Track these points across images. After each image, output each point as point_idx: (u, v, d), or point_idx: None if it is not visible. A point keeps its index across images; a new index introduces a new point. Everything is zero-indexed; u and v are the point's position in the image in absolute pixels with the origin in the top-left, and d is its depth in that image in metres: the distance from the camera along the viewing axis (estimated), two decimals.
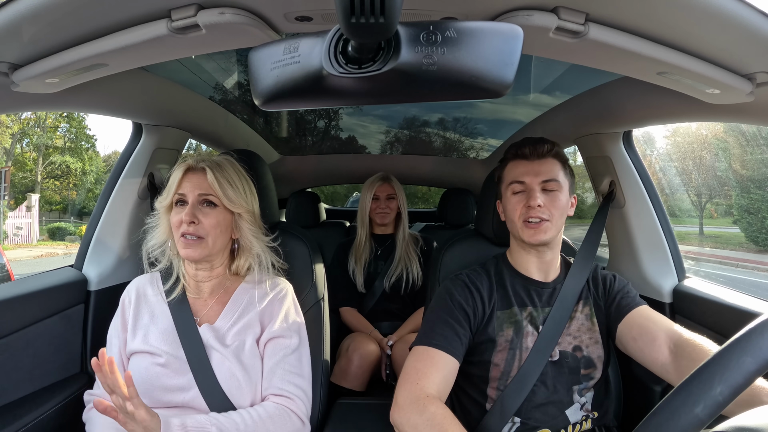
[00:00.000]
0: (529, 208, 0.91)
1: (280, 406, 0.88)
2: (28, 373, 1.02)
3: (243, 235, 0.96)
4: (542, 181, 0.92)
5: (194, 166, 0.93)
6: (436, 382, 0.82)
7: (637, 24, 0.61)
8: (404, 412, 0.77)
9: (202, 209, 0.91)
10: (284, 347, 0.93)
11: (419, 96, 0.41)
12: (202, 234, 0.89)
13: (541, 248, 0.95)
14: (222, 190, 0.91)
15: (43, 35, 0.65)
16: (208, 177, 0.90)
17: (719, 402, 0.36)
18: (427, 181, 2.83)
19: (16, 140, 19.57)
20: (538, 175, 0.92)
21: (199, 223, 0.89)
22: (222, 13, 0.61)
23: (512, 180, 0.96)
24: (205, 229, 0.90)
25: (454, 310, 0.91)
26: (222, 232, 0.92)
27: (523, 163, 0.95)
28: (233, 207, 0.92)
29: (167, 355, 0.88)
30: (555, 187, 0.92)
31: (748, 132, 12.92)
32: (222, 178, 0.91)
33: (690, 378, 0.38)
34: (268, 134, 2.06)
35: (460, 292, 0.94)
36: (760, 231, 12.70)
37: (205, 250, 0.90)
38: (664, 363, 0.81)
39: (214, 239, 0.91)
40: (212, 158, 0.95)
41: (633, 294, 0.96)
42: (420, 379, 0.81)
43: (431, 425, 0.73)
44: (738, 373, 0.36)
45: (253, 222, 0.97)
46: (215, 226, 0.91)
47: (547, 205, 0.91)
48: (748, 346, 0.37)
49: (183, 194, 0.91)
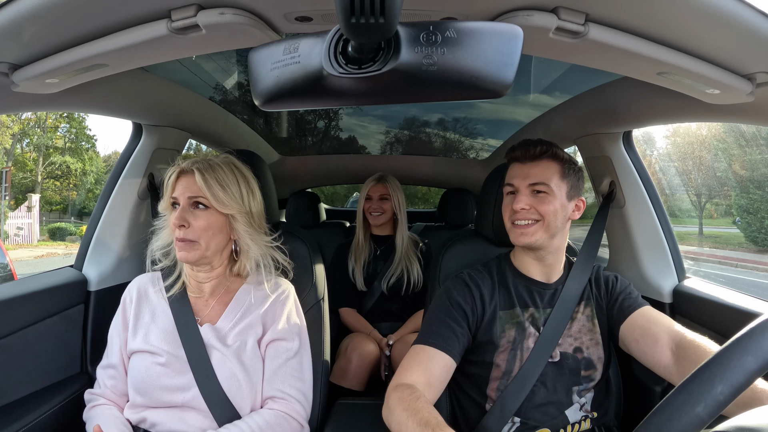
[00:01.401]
0: (514, 211, 0.92)
1: (278, 412, 0.88)
2: (28, 373, 1.02)
3: (239, 237, 0.95)
4: (530, 184, 0.91)
5: (185, 169, 0.91)
6: (416, 374, 0.83)
7: (637, 24, 0.61)
8: (385, 405, 0.80)
9: (194, 212, 0.90)
10: (286, 350, 0.93)
11: (419, 96, 0.41)
12: (192, 237, 0.88)
13: (537, 251, 0.95)
14: (211, 191, 0.89)
15: (43, 35, 0.65)
16: (196, 179, 0.89)
17: (720, 401, 0.36)
18: (427, 181, 2.83)
19: (17, 140, 19.58)
20: (526, 177, 0.92)
21: (189, 227, 0.88)
22: (222, 14, 0.60)
23: (506, 182, 0.97)
24: (196, 232, 0.89)
25: (452, 309, 0.92)
26: (215, 234, 0.91)
27: (516, 166, 0.95)
28: (223, 209, 0.90)
29: (168, 354, 0.88)
30: (544, 190, 0.91)
31: (747, 132, 12.92)
32: (212, 180, 0.89)
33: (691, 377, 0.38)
34: (268, 134, 2.06)
35: (459, 291, 0.94)
36: (760, 231, 12.70)
37: (198, 252, 0.89)
38: (667, 365, 0.80)
39: (207, 242, 0.90)
40: (206, 158, 0.94)
41: (635, 295, 0.95)
42: (400, 373, 0.84)
43: (395, 404, 0.76)
44: (739, 373, 0.36)
45: (249, 223, 0.95)
46: (206, 229, 0.89)
47: (535, 207, 0.90)
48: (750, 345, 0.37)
49: (175, 197, 0.91)
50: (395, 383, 0.82)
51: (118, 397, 0.92)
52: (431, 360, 0.86)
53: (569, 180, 0.93)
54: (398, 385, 0.81)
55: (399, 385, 0.80)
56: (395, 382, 0.82)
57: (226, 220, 0.93)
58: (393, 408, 0.76)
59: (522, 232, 0.91)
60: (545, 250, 0.94)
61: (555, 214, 0.91)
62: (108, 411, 0.90)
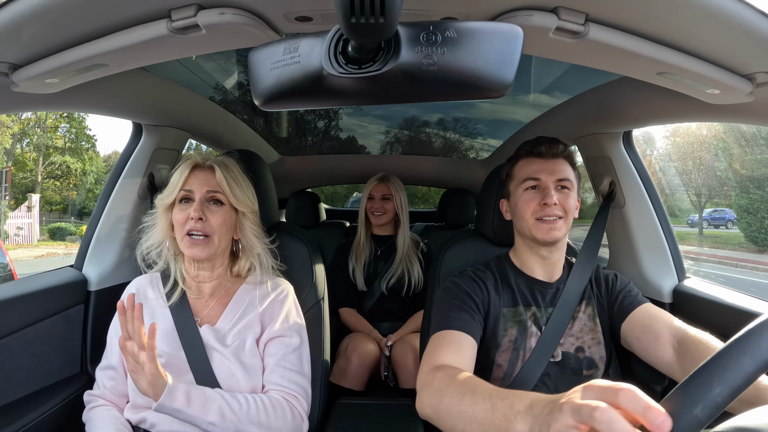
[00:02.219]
0: (545, 206, 0.91)
1: (279, 398, 0.89)
2: (28, 373, 1.02)
3: (245, 234, 0.96)
4: (557, 180, 0.92)
5: (201, 164, 0.93)
6: (449, 355, 0.78)
7: (637, 24, 0.61)
8: (420, 396, 0.71)
9: (209, 207, 0.91)
10: (285, 345, 0.93)
11: (419, 96, 0.41)
12: (209, 232, 0.89)
13: (551, 248, 0.95)
14: (230, 188, 0.91)
15: (43, 35, 0.65)
16: (216, 174, 0.91)
17: (718, 403, 0.36)
18: (427, 181, 2.83)
19: (17, 140, 19.57)
20: (553, 173, 0.92)
21: (207, 221, 0.89)
22: (222, 14, 0.60)
23: (526, 177, 0.94)
24: (212, 227, 0.89)
25: (464, 298, 0.91)
26: (227, 231, 0.92)
27: (538, 161, 0.95)
28: (239, 206, 0.93)
29: (168, 355, 0.88)
30: (568, 186, 0.93)
31: (747, 132, 12.92)
32: (229, 177, 0.92)
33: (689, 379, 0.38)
34: (268, 134, 2.06)
35: (467, 284, 0.94)
36: (760, 231, 12.70)
37: (212, 248, 0.90)
38: (669, 362, 0.80)
39: (219, 237, 0.91)
40: (217, 157, 0.96)
41: (635, 292, 0.95)
42: (431, 357, 0.78)
43: (444, 384, 0.66)
44: (737, 375, 0.36)
45: (256, 222, 0.98)
46: (222, 224, 0.90)
47: (561, 203, 0.91)
48: (748, 346, 0.37)
49: (190, 191, 0.90)
50: (430, 365, 0.75)
51: (118, 398, 0.92)
52: (459, 342, 0.83)
53: (577, 179, 0.97)
54: (435, 366, 0.73)
55: (437, 367, 0.73)
56: (430, 365, 0.75)
57: (236, 218, 0.95)
58: (441, 388, 0.66)
59: (551, 227, 0.91)
60: (556, 246, 0.95)
61: (574, 211, 0.94)
62: (107, 412, 0.90)
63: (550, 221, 0.91)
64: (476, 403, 0.57)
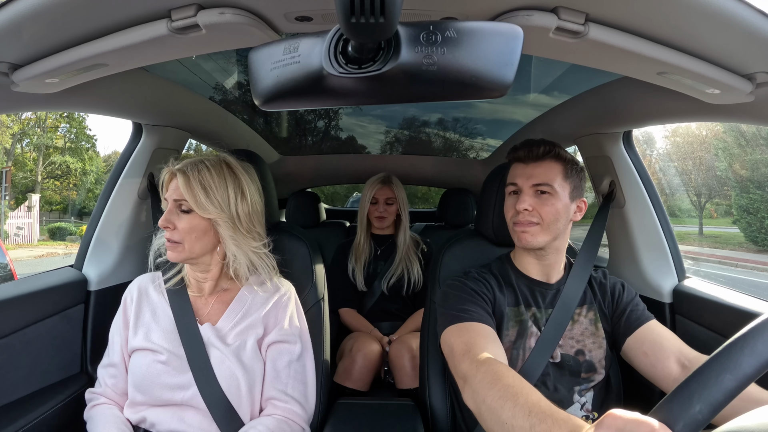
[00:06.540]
0: (516, 211, 0.91)
1: (278, 418, 0.88)
2: (28, 372, 1.02)
3: (223, 240, 0.93)
4: (534, 185, 0.91)
5: (173, 171, 0.91)
6: (489, 347, 0.76)
7: (637, 24, 0.61)
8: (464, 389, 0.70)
9: (178, 214, 0.90)
10: (288, 353, 0.93)
11: (419, 96, 0.41)
12: (177, 239, 0.89)
13: (538, 251, 0.94)
14: (192, 195, 0.88)
15: (43, 35, 0.65)
16: (179, 182, 0.88)
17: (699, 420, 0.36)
18: (426, 181, 2.83)
19: (17, 140, 19.57)
20: (530, 178, 0.91)
21: (175, 228, 0.89)
22: (222, 14, 0.60)
23: (508, 182, 0.96)
24: (180, 234, 0.89)
25: (473, 293, 0.91)
26: (199, 237, 0.90)
27: (519, 166, 0.95)
28: (204, 213, 0.89)
29: (168, 352, 0.88)
30: (548, 191, 0.90)
31: (747, 132, 12.92)
32: (196, 183, 0.88)
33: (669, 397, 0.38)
34: (268, 134, 2.06)
35: (473, 282, 0.94)
36: (759, 231, 12.71)
37: (184, 254, 0.90)
38: (677, 378, 0.82)
39: (190, 244, 0.90)
40: (197, 160, 0.92)
41: (642, 307, 0.95)
42: (469, 350, 0.76)
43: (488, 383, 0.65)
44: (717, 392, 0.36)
45: (235, 228, 0.92)
46: (189, 231, 0.89)
47: (537, 208, 0.90)
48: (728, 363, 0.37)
49: (165, 199, 0.92)
50: (472, 357, 0.72)
51: (119, 396, 0.92)
52: (491, 334, 0.81)
53: (572, 180, 0.92)
54: (480, 360, 0.70)
55: (482, 361, 0.70)
56: (472, 356, 0.72)
57: (210, 224, 0.91)
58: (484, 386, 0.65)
59: (523, 231, 0.91)
60: (545, 250, 0.94)
61: (557, 216, 0.90)
62: (109, 410, 0.90)
63: (523, 224, 0.90)
64: (515, 417, 0.57)
